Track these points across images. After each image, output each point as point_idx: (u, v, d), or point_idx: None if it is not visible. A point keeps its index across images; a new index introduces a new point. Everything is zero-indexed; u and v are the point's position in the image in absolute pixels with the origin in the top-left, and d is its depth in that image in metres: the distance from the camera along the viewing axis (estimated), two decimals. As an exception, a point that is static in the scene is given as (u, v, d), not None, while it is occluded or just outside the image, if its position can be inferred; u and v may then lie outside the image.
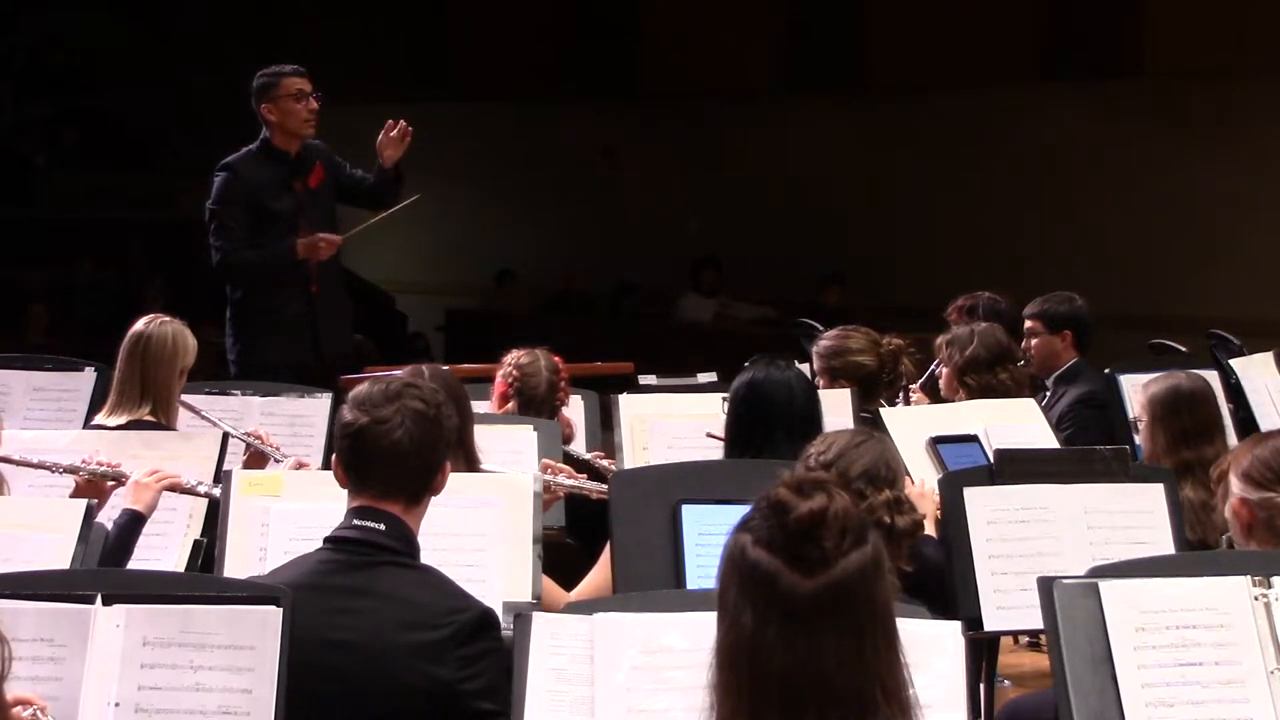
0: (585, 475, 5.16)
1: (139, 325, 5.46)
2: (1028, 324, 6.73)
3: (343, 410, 3.45)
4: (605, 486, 4.78)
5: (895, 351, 6.03)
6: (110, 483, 4.54)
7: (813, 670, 2.24)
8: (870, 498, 3.75)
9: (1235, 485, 3.59)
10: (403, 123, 7.18)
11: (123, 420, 5.30)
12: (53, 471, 4.61)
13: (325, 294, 7.17)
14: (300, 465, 4.97)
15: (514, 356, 5.64)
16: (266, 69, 7.22)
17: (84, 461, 4.59)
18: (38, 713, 2.97)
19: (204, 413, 5.53)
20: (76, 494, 4.54)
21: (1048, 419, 6.05)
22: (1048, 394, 6.61)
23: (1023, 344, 6.69)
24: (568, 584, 4.28)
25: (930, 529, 4.49)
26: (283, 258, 6.96)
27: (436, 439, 3.40)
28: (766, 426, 4.53)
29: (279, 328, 7.03)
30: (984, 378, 6.12)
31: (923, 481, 4.90)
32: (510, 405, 5.55)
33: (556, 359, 5.68)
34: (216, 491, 4.48)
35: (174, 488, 4.51)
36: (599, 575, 4.22)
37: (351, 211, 7.51)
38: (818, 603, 2.25)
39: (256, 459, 5.25)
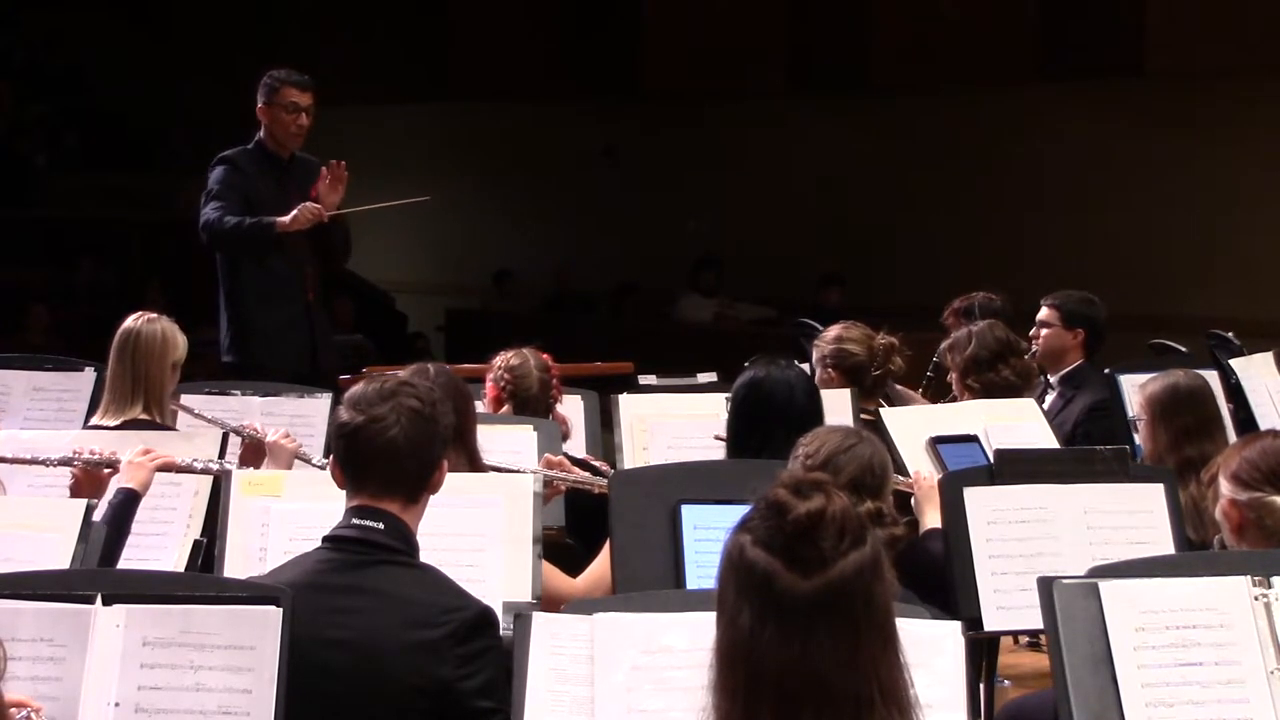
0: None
1: (127, 323, 5.45)
2: (1044, 312, 6.70)
3: (338, 410, 3.45)
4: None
5: (887, 348, 6.01)
6: (107, 470, 4.54)
7: (809, 670, 2.24)
8: None
9: (1224, 487, 3.60)
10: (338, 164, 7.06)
11: (118, 420, 5.29)
12: (47, 465, 4.60)
13: (319, 303, 7.17)
14: (287, 436, 4.99)
15: (503, 359, 5.56)
16: (276, 70, 7.20)
17: (76, 453, 4.59)
18: (31, 714, 2.96)
19: (200, 412, 5.53)
20: (76, 489, 4.54)
21: (1054, 419, 6.05)
22: (1052, 392, 6.59)
23: (1031, 331, 6.66)
24: (567, 584, 4.28)
25: (936, 520, 4.49)
26: (266, 230, 6.89)
27: (432, 437, 3.39)
28: (766, 425, 4.54)
29: (276, 336, 7.02)
30: (986, 376, 6.13)
31: (933, 474, 4.89)
32: (506, 409, 5.49)
33: (545, 357, 5.62)
34: (214, 466, 4.48)
35: (168, 467, 4.50)
36: (603, 565, 4.21)
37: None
38: (814, 603, 2.25)
39: (251, 453, 5.12)
